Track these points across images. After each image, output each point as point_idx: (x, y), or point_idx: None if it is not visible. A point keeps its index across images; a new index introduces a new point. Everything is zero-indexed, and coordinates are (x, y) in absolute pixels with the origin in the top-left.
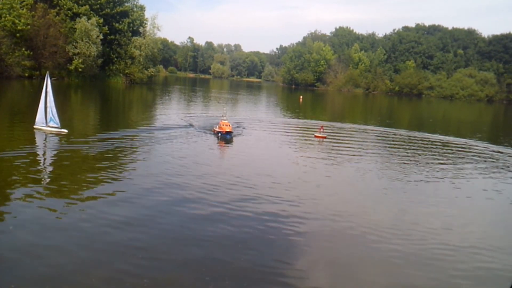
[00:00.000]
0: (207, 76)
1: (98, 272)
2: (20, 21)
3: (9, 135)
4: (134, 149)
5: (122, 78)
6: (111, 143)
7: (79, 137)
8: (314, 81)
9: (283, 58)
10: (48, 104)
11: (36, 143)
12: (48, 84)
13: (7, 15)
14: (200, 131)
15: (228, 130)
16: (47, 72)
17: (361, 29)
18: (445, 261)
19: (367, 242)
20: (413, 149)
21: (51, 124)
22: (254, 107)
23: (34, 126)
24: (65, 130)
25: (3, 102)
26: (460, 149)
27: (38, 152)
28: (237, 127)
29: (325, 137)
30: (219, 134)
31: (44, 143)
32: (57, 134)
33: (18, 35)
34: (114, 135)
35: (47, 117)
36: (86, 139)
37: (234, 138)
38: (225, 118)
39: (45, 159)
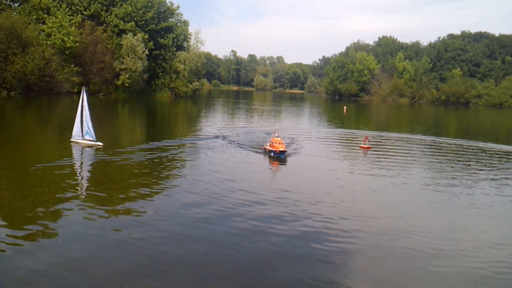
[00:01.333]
0: (250, 89)
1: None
2: (69, 38)
3: (49, 147)
4: (179, 162)
5: (167, 92)
6: (155, 155)
7: (123, 150)
8: (357, 92)
9: (325, 69)
10: (84, 118)
11: (73, 155)
12: (84, 98)
13: (57, 33)
14: (245, 147)
15: (282, 149)
16: (83, 87)
17: (405, 38)
18: (498, 279)
19: (417, 259)
20: (462, 159)
21: (87, 137)
22: (297, 118)
23: (71, 140)
24: (101, 143)
25: (52, 117)
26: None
27: (81, 164)
28: (289, 143)
29: (370, 148)
30: (272, 153)
31: (82, 155)
32: (93, 147)
33: (67, 52)
34: (157, 147)
35: (83, 130)
36: (129, 151)
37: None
38: (277, 135)
39: (87, 170)
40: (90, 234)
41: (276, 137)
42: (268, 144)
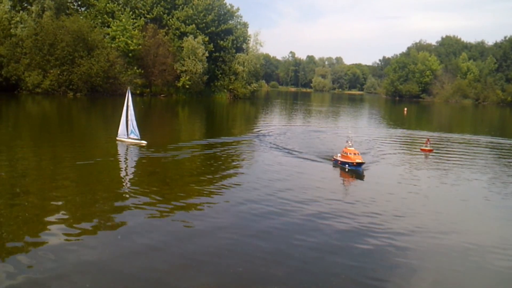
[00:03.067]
0: (308, 90)
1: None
2: (132, 41)
3: (102, 145)
4: (238, 162)
5: (226, 94)
6: (211, 154)
7: (178, 148)
8: (419, 93)
9: (386, 69)
10: (129, 118)
11: (118, 152)
12: (129, 98)
13: (121, 36)
14: (305, 155)
15: (359, 160)
16: (128, 88)
17: (469, 37)
18: None
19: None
20: None
21: (132, 136)
22: (357, 120)
23: (117, 138)
24: (145, 142)
25: (115, 117)
26: None
27: (135, 160)
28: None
29: (431, 151)
30: (347, 166)
31: (135, 152)
32: (137, 145)
33: (130, 54)
34: (212, 147)
35: (128, 129)
36: (185, 149)
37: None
38: (350, 144)
39: (143, 167)
40: (147, 230)
41: (350, 146)
42: (339, 154)
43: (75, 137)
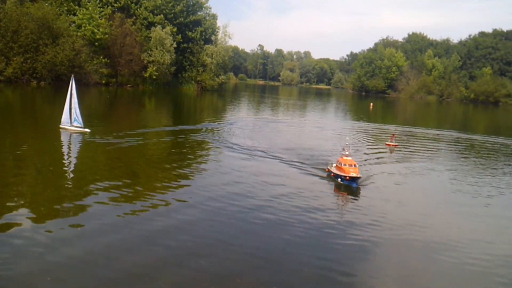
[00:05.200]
0: (276, 83)
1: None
2: (98, 30)
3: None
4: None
5: (193, 85)
6: (177, 145)
7: (146, 139)
8: (385, 88)
9: (353, 64)
10: (72, 106)
11: (61, 141)
12: (72, 86)
13: (87, 25)
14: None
15: (354, 174)
16: (72, 75)
17: (434, 35)
18: None
19: (439, 254)
20: (486, 156)
21: (75, 124)
22: (323, 114)
23: (60, 126)
24: (88, 130)
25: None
26: None
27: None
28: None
29: (396, 146)
30: (340, 179)
31: (70, 140)
32: (81, 133)
33: (96, 43)
34: (177, 135)
35: (71, 117)
36: (152, 143)
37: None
38: (347, 153)
39: (98, 157)
40: (108, 224)
41: (346, 156)
42: (334, 164)
43: (29, 125)
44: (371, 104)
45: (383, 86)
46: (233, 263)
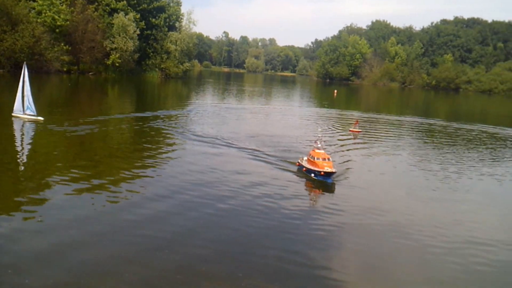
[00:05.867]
0: (241, 71)
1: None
2: (59, 16)
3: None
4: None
5: (157, 73)
6: (137, 129)
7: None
8: (349, 75)
9: (318, 52)
10: (25, 93)
11: (13, 129)
12: (25, 74)
13: (47, 11)
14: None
15: (329, 169)
16: (24, 62)
17: (398, 22)
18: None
19: (401, 237)
20: (444, 140)
21: (28, 112)
22: (288, 101)
23: (12, 114)
24: (41, 118)
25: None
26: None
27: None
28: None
29: (360, 132)
30: (313, 175)
31: (22, 128)
32: (34, 121)
33: (57, 30)
34: (140, 123)
35: (24, 105)
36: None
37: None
38: (319, 145)
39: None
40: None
41: (319, 148)
42: (305, 158)
43: None
44: (335, 91)
45: (347, 73)
46: (197, 255)
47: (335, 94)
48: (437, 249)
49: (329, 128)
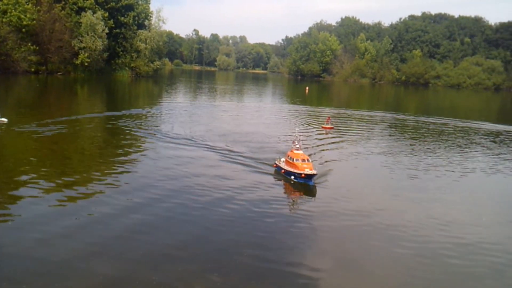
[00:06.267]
0: (212, 69)
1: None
2: (25, 16)
3: None
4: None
5: (128, 72)
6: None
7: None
8: (320, 72)
9: (288, 49)
10: None
11: None
12: None
13: (13, 11)
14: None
15: (310, 172)
16: None
17: (367, 19)
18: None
19: (376, 236)
20: (415, 135)
21: None
22: (261, 98)
23: None
24: (5, 119)
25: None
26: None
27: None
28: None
29: (332, 128)
30: (293, 177)
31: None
32: None
33: (24, 30)
34: (111, 122)
35: None
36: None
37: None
38: (298, 146)
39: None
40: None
41: (297, 149)
42: (282, 159)
43: None
44: (307, 88)
45: (318, 70)
46: (170, 255)
47: (307, 91)
48: (408, 246)
49: (302, 125)
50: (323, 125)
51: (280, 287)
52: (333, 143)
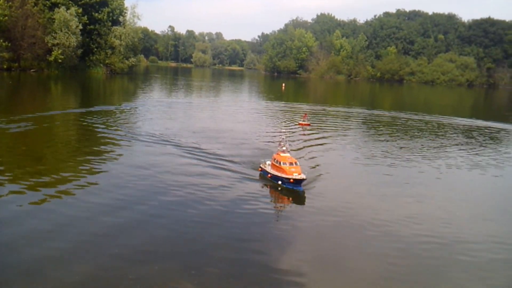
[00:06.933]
0: (188, 65)
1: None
2: None
3: None
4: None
5: (102, 69)
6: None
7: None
8: (296, 69)
9: (265, 45)
10: None
11: None
12: None
13: None
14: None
15: (299, 177)
16: None
17: (342, 16)
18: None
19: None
20: (391, 130)
21: None
22: (237, 95)
23: None
24: None
25: None
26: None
27: None
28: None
29: (308, 125)
30: (280, 182)
31: None
32: None
33: None
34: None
35: None
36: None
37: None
38: (284, 148)
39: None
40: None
41: (284, 152)
42: (268, 163)
43: None
44: (283, 84)
45: (295, 66)
46: (148, 252)
47: (283, 87)
48: (386, 241)
49: (278, 121)
50: (300, 122)
51: (257, 286)
52: (309, 140)
